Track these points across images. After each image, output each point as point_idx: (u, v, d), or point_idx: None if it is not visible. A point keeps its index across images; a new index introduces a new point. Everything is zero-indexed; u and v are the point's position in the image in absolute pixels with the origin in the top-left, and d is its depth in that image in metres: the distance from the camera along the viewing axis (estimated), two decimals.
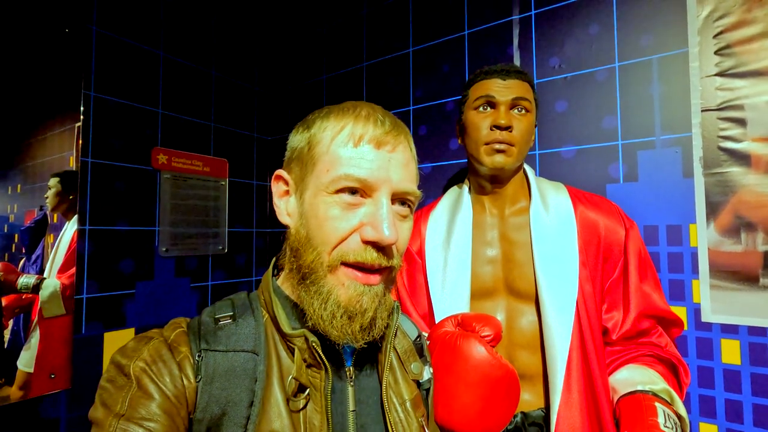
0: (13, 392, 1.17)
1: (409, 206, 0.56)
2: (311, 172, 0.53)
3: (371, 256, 0.50)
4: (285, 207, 0.58)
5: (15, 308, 1.19)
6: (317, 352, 0.51)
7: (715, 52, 1.05)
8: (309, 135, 0.55)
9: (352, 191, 0.51)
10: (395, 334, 0.61)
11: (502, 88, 0.92)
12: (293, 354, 0.53)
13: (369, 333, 0.52)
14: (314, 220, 0.52)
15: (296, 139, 0.57)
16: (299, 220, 0.54)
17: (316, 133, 0.54)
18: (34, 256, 1.25)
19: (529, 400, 0.89)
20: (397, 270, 0.56)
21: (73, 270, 1.30)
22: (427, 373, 0.64)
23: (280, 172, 0.58)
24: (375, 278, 0.52)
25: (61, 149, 1.30)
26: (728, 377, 1.01)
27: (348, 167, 0.50)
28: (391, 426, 0.54)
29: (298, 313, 0.55)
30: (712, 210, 1.04)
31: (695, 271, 1.05)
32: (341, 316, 0.50)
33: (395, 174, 0.52)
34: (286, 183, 0.58)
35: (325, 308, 0.50)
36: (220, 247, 1.75)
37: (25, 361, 1.19)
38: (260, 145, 1.97)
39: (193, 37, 1.69)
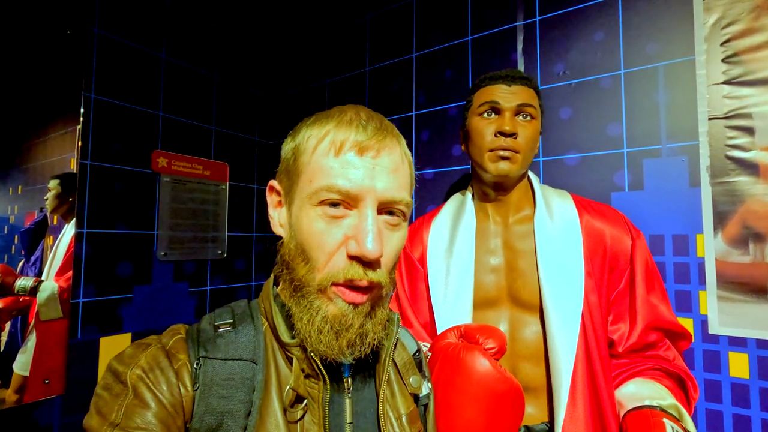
0: (9, 395, 1.16)
1: (399, 215, 0.53)
2: (297, 184, 0.53)
3: (358, 273, 0.49)
4: (278, 218, 0.57)
5: (12, 310, 1.18)
6: (315, 362, 0.50)
7: (723, 60, 1.04)
8: (295, 145, 0.54)
9: (335, 203, 0.50)
10: (395, 347, 0.60)
11: (507, 94, 0.91)
12: (292, 364, 0.52)
13: (359, 348, 0.51)
14: (301, 233, 0.51)
15: (285, 150, 0.56)
16: (289, 232, 0.54)
17: (301, 142, 0.53)
18: (33, 258, 1.24)
19: (532, 413, 0.87)
20: (388, 288, 0.54)
21: (71, 273, 1.29)
22: (425, 388, 0.63)
23: (272, 183, 0.58)
24: (361, 297, 0.51)
25: (62, 151, 1.29)
26: (736, 391, 0.99)
27: (330, 178, 0.49)
28: None
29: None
30: (720, 220, 1.02)
31: (702, 282, 1.03)
32: (327, 332, 0.49)
33: (380, 182, 0.50)
34: (279, 194, 0.57)
35: (313, 323, 0.50)
36: (220, 252, 1.74)
37: (21, 364, 1.18)
38: (261, 149, 1.96)
39: (195, 41, 1.68)
